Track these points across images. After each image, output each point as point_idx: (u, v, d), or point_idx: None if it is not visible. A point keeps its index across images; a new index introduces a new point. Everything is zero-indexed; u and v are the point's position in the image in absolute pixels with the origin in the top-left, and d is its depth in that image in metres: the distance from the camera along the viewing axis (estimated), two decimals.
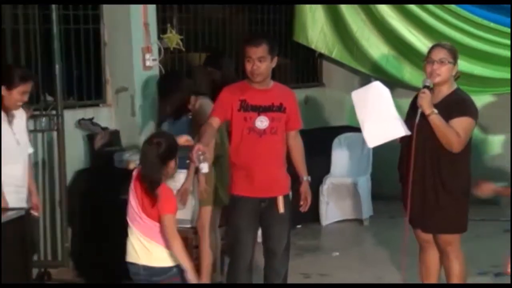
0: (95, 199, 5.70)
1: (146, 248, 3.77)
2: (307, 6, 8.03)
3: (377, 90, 4.31)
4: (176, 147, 3.82)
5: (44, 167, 5.76)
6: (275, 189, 4.33)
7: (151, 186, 3.70)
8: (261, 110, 4.25)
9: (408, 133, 4.25)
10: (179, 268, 3.75)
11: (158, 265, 3.76)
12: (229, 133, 4.46)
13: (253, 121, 4.22)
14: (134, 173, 3.85)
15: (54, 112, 5.51)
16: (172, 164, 3.78)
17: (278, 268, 4.40)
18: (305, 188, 4.40)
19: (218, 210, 5.04)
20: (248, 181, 4.28)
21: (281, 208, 4.30)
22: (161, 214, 3.71)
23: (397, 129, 4.25)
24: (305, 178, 4.41)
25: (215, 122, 4.27)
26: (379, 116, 4.27)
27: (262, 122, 4.23)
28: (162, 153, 3.72)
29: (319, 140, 7.61)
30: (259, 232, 4.47)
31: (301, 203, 4.42)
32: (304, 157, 4.43)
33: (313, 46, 8.17)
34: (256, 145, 4.22)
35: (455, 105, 4.28)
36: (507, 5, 7.01)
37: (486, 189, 4.08)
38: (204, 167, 3.97)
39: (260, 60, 4.20)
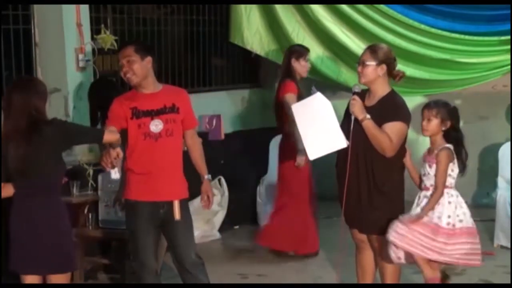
0: None
1: None
2: (242, 6, 8.02)
3: (318, 102, 4.32)
4: None
5: None
6: (172, 192, 4.28)
7: None
8: (153, 114, 4.23)
9: (348, 143, 4.30)
10: None
11: None
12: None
13: (147, 126, 4.21)
14: None
15: None
16: None
17: (191, 270, 4.31)
18: (206, 187, 4.41)
19: None
20: (146, 185, 4.23)
21: (177, 214, 4.25)
22: None
23: (337, 141, 4.28)
24: (206, 177, 4.42)
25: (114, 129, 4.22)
26: (320, 128, 4.29)
27: (156, 126, 4.22)
28: None
29: (257, 141, 7.63)
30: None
31: (202, 202, 4.41)
32: (203, 156, 4.44)
33: (248, 47, 8.16)
34: (153, 149, 4.20)
35: (388, 109, 4.32)
36: (433, 6, 7.13)
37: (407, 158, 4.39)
38: (116, 172, 4.09)
39: (129, 61, 4.19)
